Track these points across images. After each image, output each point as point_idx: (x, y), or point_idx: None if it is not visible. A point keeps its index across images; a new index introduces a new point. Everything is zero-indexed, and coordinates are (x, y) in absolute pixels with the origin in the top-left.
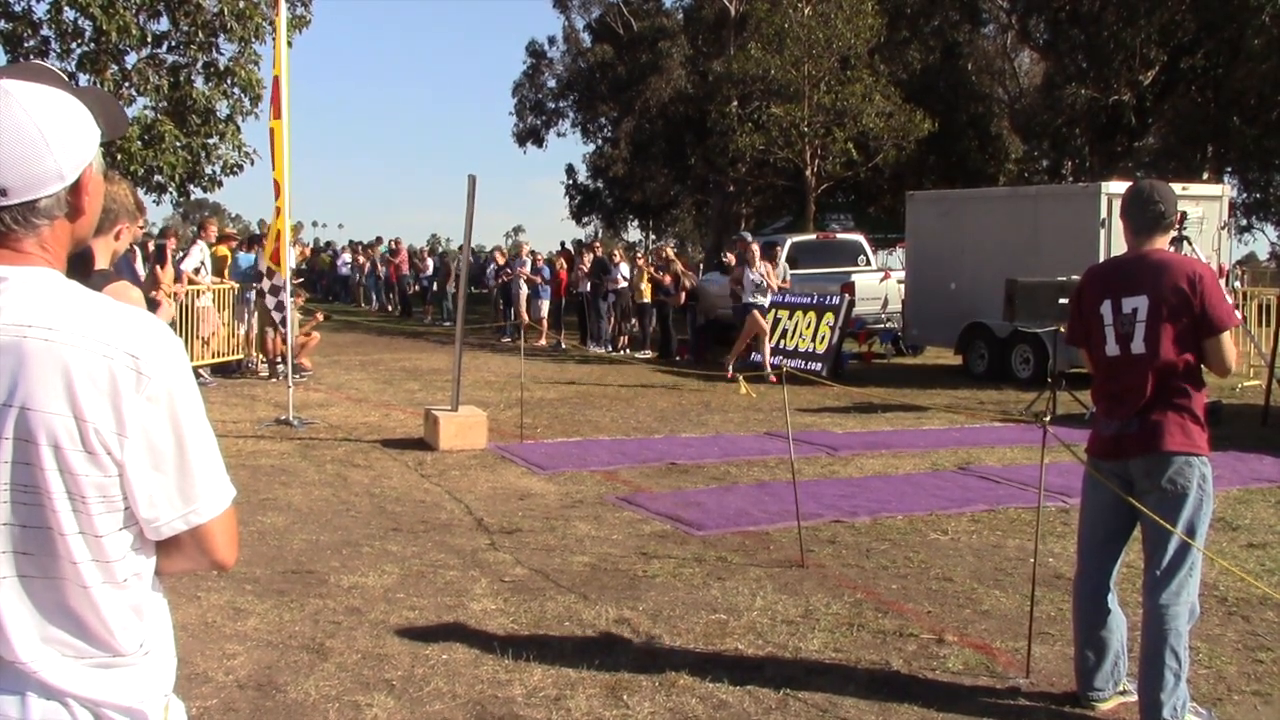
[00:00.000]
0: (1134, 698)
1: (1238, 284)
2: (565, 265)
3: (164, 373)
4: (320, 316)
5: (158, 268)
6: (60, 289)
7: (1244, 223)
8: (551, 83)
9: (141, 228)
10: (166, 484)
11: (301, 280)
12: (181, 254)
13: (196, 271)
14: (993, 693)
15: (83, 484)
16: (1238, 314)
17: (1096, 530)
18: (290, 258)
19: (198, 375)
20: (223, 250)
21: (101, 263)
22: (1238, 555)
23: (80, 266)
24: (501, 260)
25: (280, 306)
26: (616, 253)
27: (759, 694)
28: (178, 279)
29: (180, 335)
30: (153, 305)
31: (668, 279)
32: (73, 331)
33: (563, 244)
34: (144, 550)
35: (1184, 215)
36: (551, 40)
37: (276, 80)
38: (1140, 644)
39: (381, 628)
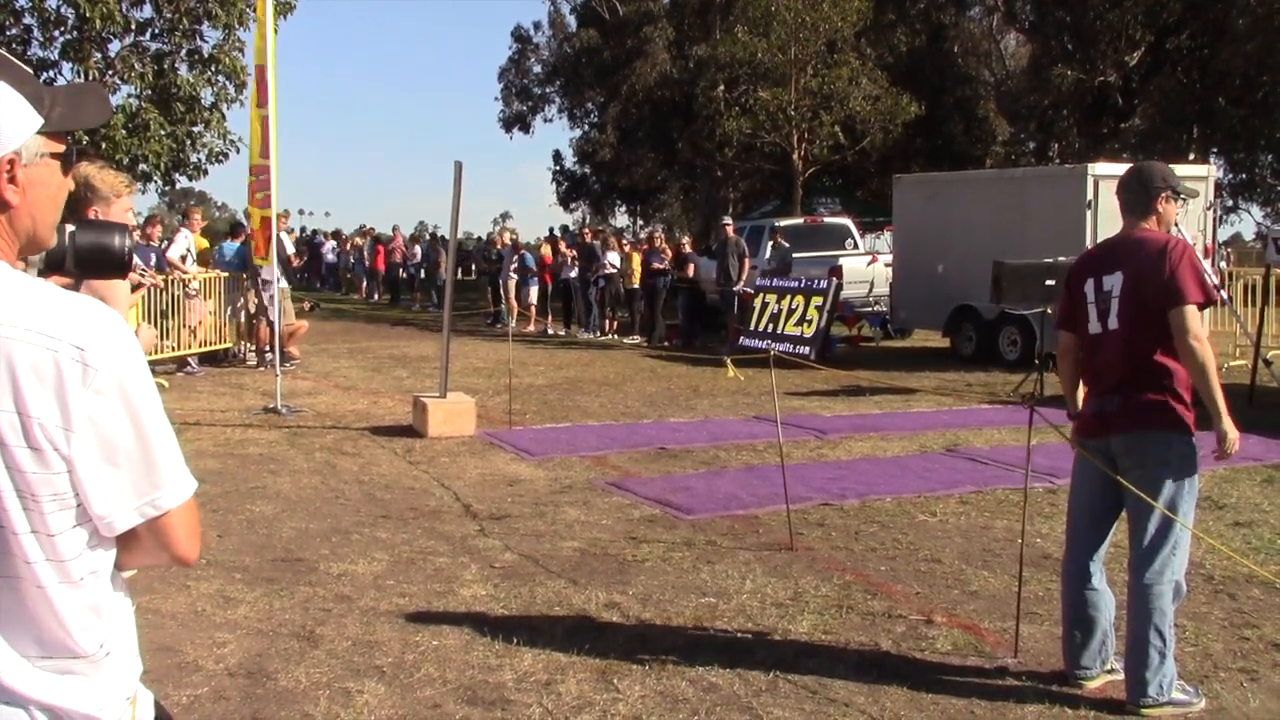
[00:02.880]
0: (1121, 676)
1: (1223, 264)
2: (551, 251)
3: (112, 364)
4: (306, 305)
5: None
6: (2, 280)
7: (1230, 203)
8: (537, 68)
9: (127, 208)
10: (119, 478)
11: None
12: (166, 242)
13: (183, 259)
14: (981, 672)
15: (31, 481)
16: (1223, 293)
17: (1084, 509)
18: (287, 244)
19: (185, 364)
20: (203, 242)
21: None
22: (1224, 533)
23: (99, 260)
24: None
25: (267, 285)
26: (613, 239)
27: (749, 676)
28: (162, 268)
29: (167, 324)
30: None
31: (668, 259)
32: (15, 323)
33: (551, 230)
34: (101, 547)
35: (1170, 195)
36: (537, 25)
37: (261, 69)
38: (1126, 622)
39: (371, 614)
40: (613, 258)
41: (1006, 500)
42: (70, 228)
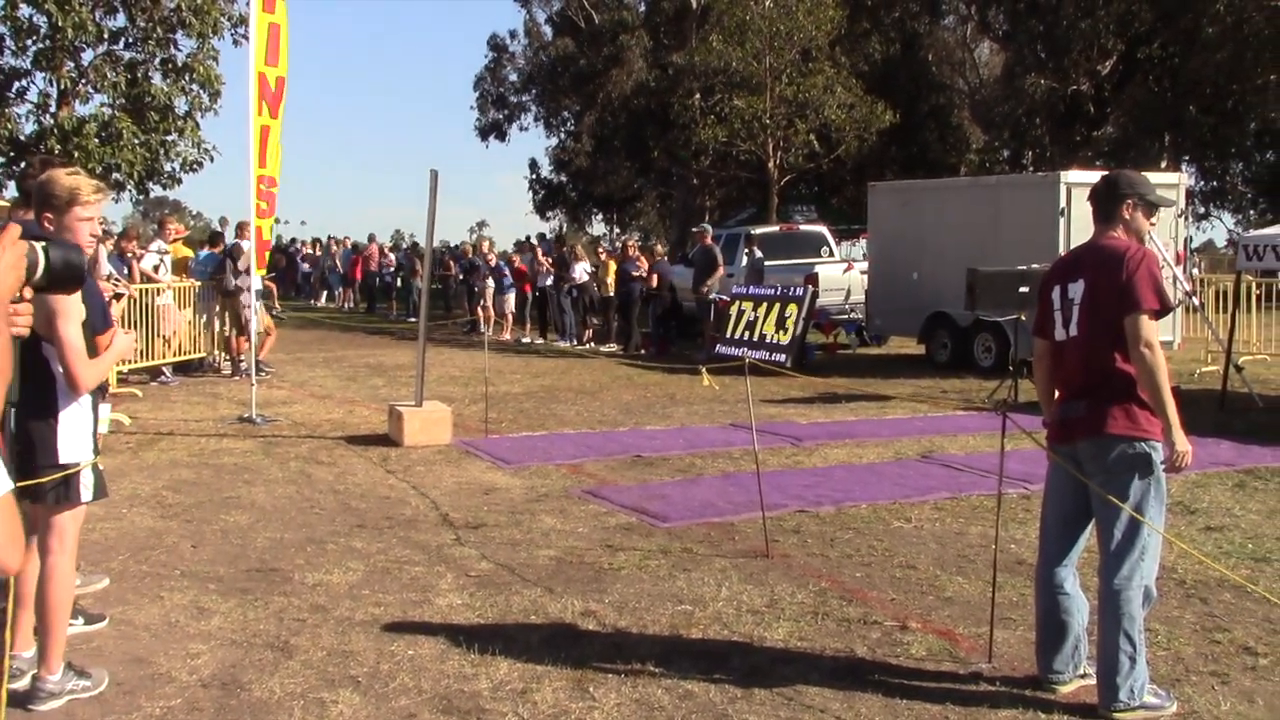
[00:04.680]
0: (1094, 680)
1: (1195, 270)
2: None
3: None
4: (277, 307)
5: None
6: None
7: (1202, 210)
8: (513, 76)
9: (88, 217)
10: None
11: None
12: (142, 252)
13: (155, 269)
14: (955, 678)
15: None
16: (1195, 300)
17: (1056, 514)
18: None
19: (159, 374)
20: (183, 250)
21: None
22: (1195, 538)
23: (69, 278)
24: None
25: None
26: (579, 250)
27: (724, 684)
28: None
29: (141, 333)
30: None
31: (643, 267)
32: None
33: (528, 238)
34: None
35: (1136, 201)
36: (513, 34)
37: (280, 80)
38: (1097, 627)
39: (346, 624)
40: (583, 267)
41: (981, 506)
42: (40, 244)
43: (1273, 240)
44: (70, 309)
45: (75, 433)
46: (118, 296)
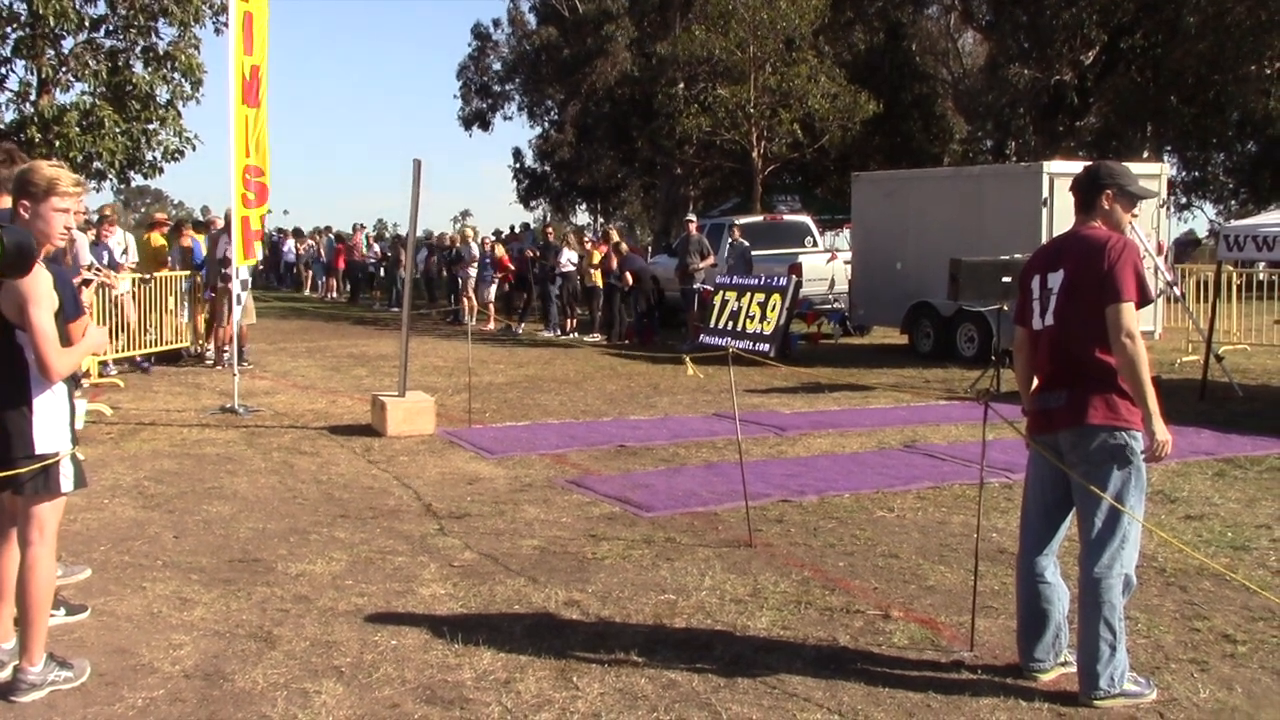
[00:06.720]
0: (1075, 668)
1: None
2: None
3: None
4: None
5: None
6: None
7: (1183, 201)
8: (497, 65)
9: (64, 208)
10: None
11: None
12: (122, 244)
13: (125, 253)
14: (937, 666)
15: None
16: (1176, 290)
17: (1037, 503)
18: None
19: (112, 361)
20: (158, 239)
21: None
22: (1176, 527)
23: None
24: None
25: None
26: (570, 237)
27: (708, 672)
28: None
29: (102, 323)
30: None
31: (614, 261)
32: None
33: (512, 228)
34: None
35: (1115, 192)
36: (497, 23)
37: (255, 68)
38: (1077, 615)
39: (330, 615)
40: (570, 255)
41: (963, 495)
42: None
43: (1253, 230)
44: (42, 296)
45: (51, 422)
46: (86, 283)
